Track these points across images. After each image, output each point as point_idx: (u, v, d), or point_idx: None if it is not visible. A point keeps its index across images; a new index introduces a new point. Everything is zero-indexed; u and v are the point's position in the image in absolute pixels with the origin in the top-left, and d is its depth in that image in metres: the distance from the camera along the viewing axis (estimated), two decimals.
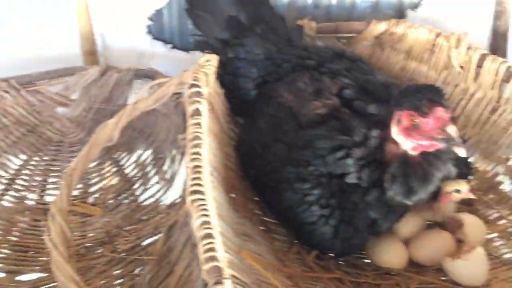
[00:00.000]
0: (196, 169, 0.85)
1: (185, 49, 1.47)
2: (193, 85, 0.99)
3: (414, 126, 0.87)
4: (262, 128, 1.08)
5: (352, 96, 1.04)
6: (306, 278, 0.97)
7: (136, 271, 0.98)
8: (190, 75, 1.04)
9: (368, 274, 1.01)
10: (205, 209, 0.79)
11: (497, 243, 1.07)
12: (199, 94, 0.98)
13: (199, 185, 0.82)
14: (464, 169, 1.09)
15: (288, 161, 1.00)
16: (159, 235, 1.02)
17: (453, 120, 1.03)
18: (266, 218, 1.12)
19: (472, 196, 1.03)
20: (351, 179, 0.94)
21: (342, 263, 1.05)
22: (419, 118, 0.86)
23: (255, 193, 1.14)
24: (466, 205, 1.18)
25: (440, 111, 0.84)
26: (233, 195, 1.07)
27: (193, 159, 0.86)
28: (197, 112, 0.95)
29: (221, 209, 0.91)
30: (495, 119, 1.22)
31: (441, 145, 0.87)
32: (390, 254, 1.02)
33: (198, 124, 0.93)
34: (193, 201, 0.80)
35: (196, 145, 0.89)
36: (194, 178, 0.83)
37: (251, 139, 1.11)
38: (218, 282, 0.72)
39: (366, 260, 1.07)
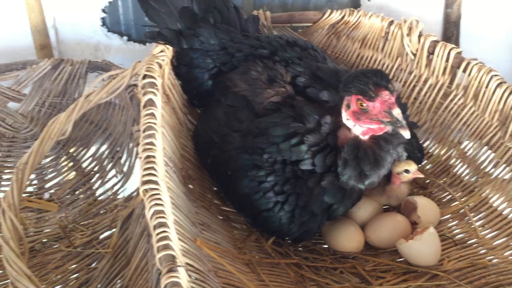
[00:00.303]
0: (149, 159, 0.84)
1: (142, 41, 1.46)
2: (146, 76, 0.98)
3: (362, 110, 0.88)
4: (219, 118, 1.08)
5: (305, 84, 1.05)
6: (264, 264, 0.98)
7: (93, 264, 0.96)
8: (144, 66, 1.03)
9: (326, 258, 1.03)
10: (158, 199, 0.79)
11: (450, 224, 1.10)
12: (152, 84, 0.97)
13: (152, 175, 0.82)
14: (417, 154, 1.12)
15: (244, 149, 1.00)
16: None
17: (400, 103, 1.06)
18: (225, 208, 1.12)
19: (420, 175, 1.05)
20: (305, 165, 0.95)
21: (301, 249, 1.07)
22: (366, 102, 0.87)
23: (213, 183, 1.14)
24: (420, 188, 1.21)
25: (385, 95, 0.86)
26: (191, 186, 1.07)
27: (145, 149, 0.86)
28: (150, 103, 0.94)
29: (176, 199, 0.91)
30: (447, 104, 1.25)
31: (388, 128, 0.89)
32: (347, 238, 1.04)
33: (151, 114, 0.92)
34: (146, 191, 0.80)
35: (149, 136, 0.88)
36: (147, 168, 0.83)
37: (208, 129, 1.10)
38: (171, 270, 0.72)
39: (324, 246, 1.09)
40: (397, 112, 0.85)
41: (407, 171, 1.04)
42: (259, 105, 1.04)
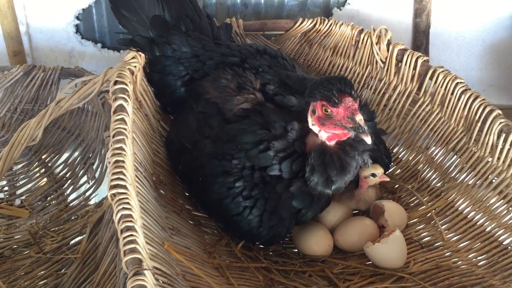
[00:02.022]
0: (118, 164, 0.85)
1: (116, 48, 1.46)
2: (117, 82, 0.99)
3: (327, 116, 0.91)
4: (191, 124, 1.10)
5: (274, 91, 1.07)
6: (233, 269, 0.99)
7: (62, 270, 0.97)
8: (115, 72, 1.04)
9: (295, 262, 1.05)
10: (126, 203, 0.79)
11: (417, 228, 1.12)
12: (123, 90, 0.98)
13: (121, 179, 0.82)
14: (385, 159, 1.15)
15: (214, 155, 1.02)
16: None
17: (368, 110, 1.08)
18: (196, 213, 1.13)
19: (386, 179, 1.08)
20: (273, 171, 0.97)
21: (271, 253, 1.09)
22: (330, 108, 0.89)
23: (185, 189, 1.15)
24: (389, 193, 1.24)
25: (348, 101, 0.88)
26: (162, 191, 1.08)
27: (114, 154, 0.86)
28: (120, 109, 0.95)
29: (145, 204, 0.92)
30: (415, 111, 1.28)
31: (351, 133, 0.91)
32: (316, 242, 1.05)
33: (122, 120, 0.93)
34: (114, 195, 0.80)
35: (119, 141, 0.89)
36: (115, 173, 0.83)
37: (179, 135, 1.12)
38: (138, 273, 0.72)
39: (294, 250, 1.10)
40: (359, 118, 0.87)
41: (373, 175, 1.07)
42: (229, 112, 1.06)
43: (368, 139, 0.87)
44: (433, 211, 1.13)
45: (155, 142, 1.18)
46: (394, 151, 1.31)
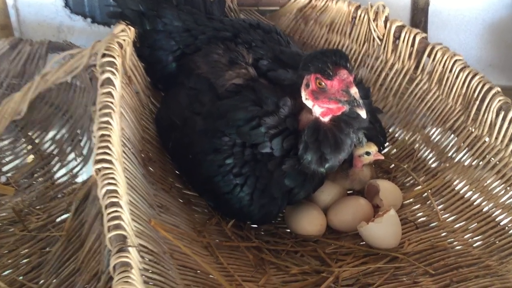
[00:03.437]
0: (104, 138, 0.82)
1: (107, 23, 1.42)
2: (105, 55, 0.96)
3: (321, 89, 0.87)
4: (181, 100, 1.06)
5: (268, 67, 1.03)
6: (223, 248, 0.96)
7: (47, 248, 0.94)
8: (103, 45, 1.00)
9: (287, 242, 1.02)
10: (111, 178, 0.77)
11: (412, 208, 1.10)
12: (111, 64, 0.95)
13: (106, 154, 0.79)
14: (380, 138, 1.12)
15: (204, 132, 0.99)
16: None
17: (363, 87, 1.05)
18: (186, 191, 1.10)
19: (381, 157, 1.06)
20: (263, 148, 0.94)
21: (263, 232, 1.06)
22: (325, 80, 0.86)
23: (175, 166, 1.12)
24: (385, 173, 1.21)
25: (343, 73, 0.85)
26: (151, 168, 1.05)
27: (101, 128, 0.83)
28: (108, 82, 0.92)
29: (133, 180, 0.89)
30: (412, 89, 1.25)
31: (345, 107, 0.88)
32: (309, 222, 1.03)
33: (109, 93, 0.89)
34: (99, 170, 0.78)
35: (105, 114, 0.86)
36: (101, 147, 0.80)
37: (170, 112, 1.08)
38: (122, 250, 0.70)
39: (286, 230, 1.08)
40: (354, 91, 0.84)
41: (367, 153, 1.04)
42: (221, 88, 1.02)
43: (363, 113, 0.84)
44: (429, 191, 1.11)
45: (145, 118, 1.15)
46: (390, 130, 1.28)
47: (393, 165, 1.21)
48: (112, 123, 0.85)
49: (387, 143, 1.21)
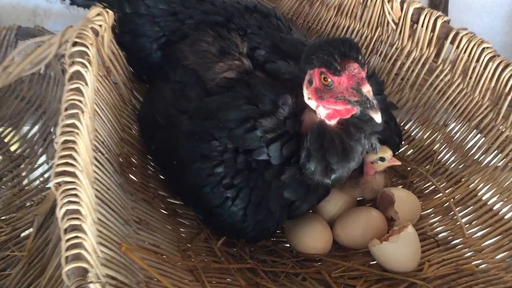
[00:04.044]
0: (67, 145, 0.69)
1: (87, 5, 1.27)
2: (76, 43, 0.82)
3: (326, 87, 0.72)
4: (166, 96, 0.92)
5: (265, 57, 0.89)
6: (212, 271, 0.82)
7: (8, 270, 0.81)
8: (74, 32, 0.86)
9: (287, 261, 0.88)
10: (73, 195, 0.64)
11: (432, 220, 0.95)
12: (82, 54, 0.82)
13: (69, 164, 0.66)
14: (395, 139, 0.97)
15: (190, 134, 0.84)
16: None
17: (376, 81, 0.90)
18: (172, 200, 0.97)
19: (397, 163, 0.91)
20: (259, 155, 0.79)
21: (258, 250, 0.92)
22: (331, 76, 0.71)
23: (159, 171, 0.98)
24: (400, 177, 1.07)
25: (353, 68, 0.69)
26: (131, 175, 0.91)
27: (63, 133, 0.70)
28: (77, 76, 0.78)
29: (106, 193, 0.76)
30: (432, 81, 1.10)
31: (356, 109, 0.73)
32: (312, 238, 0.89)
33: (77, 90, 0.76)
34: (59, 184, 0.64)
35: (71, 116, 0.72)
36: (63, 157, 0.67)
37: (153, 109, 0.94)
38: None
39: (286, 245, 0.94)
40: (366, 89, 0.69)
41: (382, 158, 0.90)
42: (210, 82, 0.88)
43: (377, 117, 0.69)
44: (452, 200, 0.96)
45: (126, 116, 1.01)
46: (406, 128, 1.13)
47: (409, 168, 1.06)
48: (79, 126, 0.72)
49: (402, 143, 1.06)
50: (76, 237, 0.61)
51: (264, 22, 0.96)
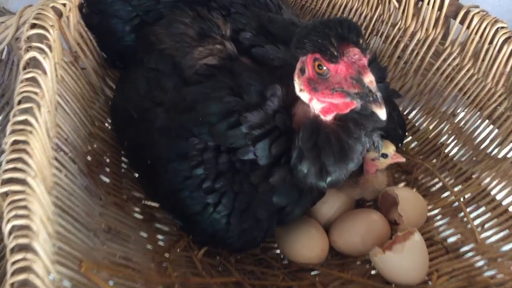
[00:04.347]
0: (16, 146, 0.59)
1: None
2: (34, 25, 0.73)
3: (321, 77, 0.61)
4: (139, 85, 0.81)
5: (252, 41, 0.78)
6: (191, 286, 0.72)
7: None
8: (33, 12, 0.76)
9: (277, 272, 0.79)
10: (22, 207, 0.54)
11: (440, 223, 0.85)
12: (40, 38, 0.72)
13: (18, 170, 0.56)
14: (399, 131, 0.87)
15: (165, 130, 0.74)
16: None
17: (378, 67, 0.79)
18: (148, 203, 0.86)
19: (401, 160, 0.81)
20: (245, 154, 0.69)
21: (245, 259, 0.82)
22: (326, 64, 0.60)
23: (133, 169, 0.87)
24: (403, 173, 0.96)
25: (353, 54, 0.58)
26: (101, 175, 0.81)
27: (14, 131, 0.60)
28: (33, 63, 0.69)
29: (67, 199, 0.66)
30: (439, 66, 0.99)
31: (356, 103, 0.62)
32: (306, 245, 0.80)
33: (32, 80, 0.66)
34: (6, 194, 0.55)
35: (23, 111, 0.62)
36: (11, 161, 0.57)
37: (125, 100, 0.83)
38: None
39: (277, 251, 0.84)
40: (369, 79, 0.57)
41: (384, 155, 0.80)
42: (188, 69, 0.76)
43: (382, 112, 0.58)
44: (462, 199, 0.86)
45: (97, 107, 0.90)
46: (409, 117, 1.03)
47: (413, 162, 0.96)
48: (34, 122, 0.62)
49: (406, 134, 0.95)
50: (24, 259, 0.51)
51: (250, 0, 0.84)
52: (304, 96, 0.65)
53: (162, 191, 0.76)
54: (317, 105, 0.64)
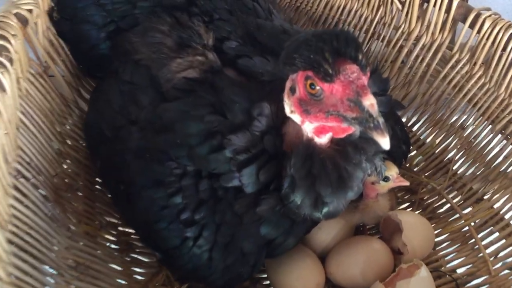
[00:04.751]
0: None
1: None
2: None
3: (313, 97, 0.53)
4: (114, 100, 0.72)
5: (237, 51, 0.69)
6: None
7: None
8: None
9: None
10: None
11: (447, 250, 0.77)
12: (0, 49, 0.64)
13: None
14: (402, 147, 0.78)
15: (140, 152, 0.65)
16: None
17: (379, 78, 0.71)
18: (124, 229, 0.78)
19: (405, 183, 0.73)
20: (229, 181, 0.61)
21: None
22: (320, 82, 0.51)
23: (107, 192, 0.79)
24: (407, 192, 0.88)
25: (351, 71, 0.50)
26: (71, 201, 0.73)
27: None
28: None
29: (27, 234, 0.59)
30: (446, 73, 0.91)
31: (353, 128, 0.54)
32: (300, 278, 0.71)
33: None
34: None
35: None
36: None
37: (99, 116, 0.75)
38: None
39: (266, 282, 0.76)
40: (369, 102, 0.49)
41: (385, 178, 0.71)
42: (166, 83, 0.68)
43: (384, 141, 0.49)
44: (472, 224, 0.78)
45: (70, 123, 0.82)
46: (413, 129, 0.95)
47: (418, 181, 0.87)
48: None
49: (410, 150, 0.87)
50: None
51: (236, 5, 0.75)
52: (295, 117, 0.56)
53: (136, 220, 0.68)
54: (310, 127, 0.56)
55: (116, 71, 0.76)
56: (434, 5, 0.88)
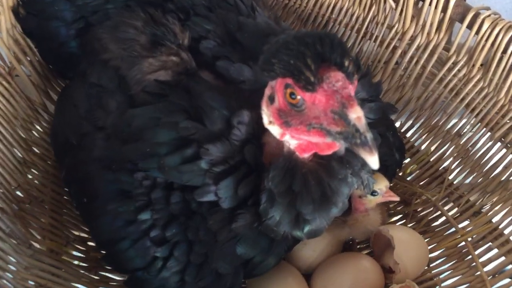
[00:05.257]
0: None
1: None
2: None
3: (294, 108, 0.46)
4: (79, 104, 0.66)
5: (215, 52, 0.63)
6: None
7: None
8: None
9: None
10: None
11: (443, 267, 0.71)
12: None
13: None
14: (395, 155, 0.73)
15: (105, 162, 0.59)
16: None
17: (369, 83, 0.65)
18: (93, 243, 0.72)
19: (395, 199, 0.67)
20: (204, 195, 0.55)
21: None
22: (300, 92, 0.45)
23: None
24: (400, 203, 0.82)
25: (336, 80, 0.44)
26: (34, 215, 0.67)
27: None
28: None
29: None
30: (442, 76, 0.86)
31: (338, 144, 0.48)
32: None
33: None
34: None
35: None
36: None
37: (64, 122, 0.69)
38: None
39: None
40: (356, 114, 0.43)
41: (374, 192, 0.65)
42: (135, 86, 0.62)
43: (372, 160, 0.43)
44: (469, 239, 0.72)
45: (37, 129, 0.76)
46: (407, 135, 0.89)
47: (411, 191, 0.82)
48: None
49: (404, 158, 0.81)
50: None
51: (216, 1, 0.69)
52: (274, 129, 0.50)
53: (99, 237, 0.62)
54: (292, 141, 0.50)
55: (84, 72, 0.70)
56: (430, 4, 0.82)
